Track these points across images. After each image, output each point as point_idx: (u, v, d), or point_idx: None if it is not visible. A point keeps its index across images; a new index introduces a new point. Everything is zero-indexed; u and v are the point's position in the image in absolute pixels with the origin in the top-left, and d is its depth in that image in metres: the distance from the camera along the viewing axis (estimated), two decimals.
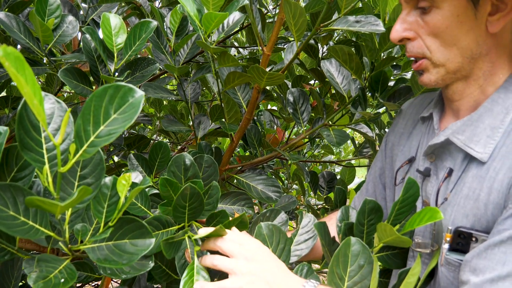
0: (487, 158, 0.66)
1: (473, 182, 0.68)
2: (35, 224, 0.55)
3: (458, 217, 0.69)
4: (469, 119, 0.70)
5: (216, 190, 0.78)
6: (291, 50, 1.03)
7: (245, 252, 0.65)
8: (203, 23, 0.76)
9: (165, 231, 0.72)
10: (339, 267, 0.64)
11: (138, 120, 1.30)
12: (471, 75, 0.70)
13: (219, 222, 0.75)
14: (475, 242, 0.66)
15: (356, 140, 1.64)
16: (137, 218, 0.60)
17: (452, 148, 0.72)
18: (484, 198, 0.65)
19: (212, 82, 1.11)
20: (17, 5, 0.90)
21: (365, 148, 1.59)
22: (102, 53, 0.82)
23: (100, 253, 0.59)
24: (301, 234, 0.81)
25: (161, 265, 0.75)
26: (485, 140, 0.68)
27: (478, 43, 0.67)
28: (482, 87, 0.70)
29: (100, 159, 0.57)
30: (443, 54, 0.68)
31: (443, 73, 0.70)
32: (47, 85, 1.21)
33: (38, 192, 0.60)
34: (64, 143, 0.53)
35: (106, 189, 0.62)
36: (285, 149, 1.17)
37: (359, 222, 0.72)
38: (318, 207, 1.95)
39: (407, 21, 0.70)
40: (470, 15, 0.65)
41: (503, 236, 0.60)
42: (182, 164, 0.78)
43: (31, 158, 0.49)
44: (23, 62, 0.36)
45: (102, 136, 0.45)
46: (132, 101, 0.44)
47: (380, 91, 0.99)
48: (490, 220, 0.65)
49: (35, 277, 0.53)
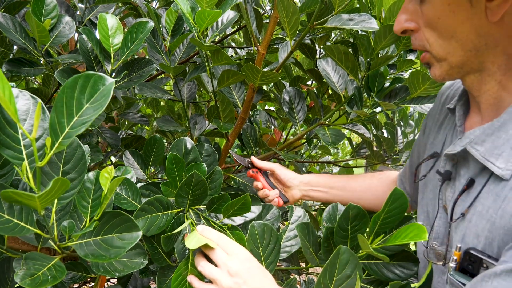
0: (510, 175, 0.57)
1: (488, 199, 0.60)
2: (20, 222, 0.55)
3: (469, 236, 0.62)
4: (490, 126, 0.62)
5: (219, 175, 0.78)
6: (286, 48, 1.03)
7: (231, 265, 0.64)
8: (196, 20, 0.76)
9: (165, 214, 0.72)
10: (326, 277, 0.62)
11: (135, 120, 1.31)
12: (484, 70, 0.62)
13: (220, 206, 0.75)
14: (485, 269, 0.59)
15: (354, 141, 1.64)
16: (123, 212, 0.60)
17: (470, 157, 0.64)
18: (496, 221, 0.58)
19: (207, 81, 1.11)
20: (14, 5, 0.90)
21: (362, 149, 1.60)
22: (99, 53, 0.82)
23: (88, 248, 0.59)
24: (291, 229, 0.81)
25: (158, 247, 0.76)
26: (508, 153, 0.58)
27: (479, 34, 0.59)
28: (502, 82, 0.62)
29: (82, 154, 0.57)
30: (442, 47, 0.62)
31: (447, 68, 0.64)
32: (44, 85, 1.21)
33: (24, 189, 0.60)
34: (42, 138, 0.53)
35: (90, 184, 0.63)
36: (282, 149, 1.17)
37: (340, 227, 0.70)
38: (315, 208, 1.95)
39: (408, 10, 0.64)
40: (464, 3, 0.58)
41: (498, 269, 0.54)
42: (183, 147, 0.78)
43: (8, 155, 0.49)
44: None
45: (76, 126, 0.45)
46: (103, 89, 0.45)
47: (376, 90, 0.99)
48: (501, 246, 0.57)
49: (22, 274, 0.54)
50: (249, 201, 0.74)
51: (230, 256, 0.65)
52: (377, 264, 0.73)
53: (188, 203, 0.74)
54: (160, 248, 0.76)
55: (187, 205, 0.74)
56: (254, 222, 0.72)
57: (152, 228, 0.69)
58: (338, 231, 0.70)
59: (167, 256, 0.77)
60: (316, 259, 0.76)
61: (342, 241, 0.71)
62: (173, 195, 0.76)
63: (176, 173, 0.74)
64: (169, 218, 0.72)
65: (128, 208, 0.74)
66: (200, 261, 0.68)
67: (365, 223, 0.70)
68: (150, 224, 0.69)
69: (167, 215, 0.72)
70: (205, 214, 0.78)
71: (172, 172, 0.74)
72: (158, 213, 0.71)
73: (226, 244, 0.67)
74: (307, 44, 1.18)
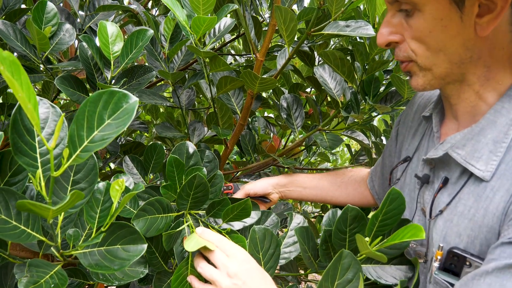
0: (490, 176, 0.61)
1: (469, 200, 0.63)
2: (27, 229, 0.55)
3: (450, 235, 0.65)
4: (470, 131, 0.65)
5: (220, 179, 0.78)
6: (284, 55, 1.04)
7: (230, 266, 0.65)
8: (192, 27, 0.77)
9: (164, 216, 0.72)
10: (328, 280, 0.62)
11: (134, 127, 1.31)
12: (464, 80, 0.65)
13: (220, 211, 0.75)
14: (468, 266, 0.62)
15: (353, 148, 1.64)
16: (129, 224, 0.60)
17: (451, 160, 0.67)
18: (479, 220, 0.61)
19: (205, 88, 1.12)
20: (14, 12, 0.91)
21: (361, 156, 1.60)
22: (99, 60, 0.83)
23: (92, 258, 0.59)
24: (290, 236, 0.81)
25: (155, 251, 0.76)
26: (487, 156, 0.62)
27: (467, 47, 0.62)
28: (479, 93, 0.65)
29: (93, 165, 0.58)
30: (429, 59, 0.63)
31: (430, 78, 0.66)
32: (44, 92, 1.22)
33: (32, 196, 0.60)
34: (58, 147, 0.53)
35: (99, 194, 0.63)
36: (281, 155, 1.18)
37: (339, 230, 0.70)
38: (314, 215, 1.95)
39: (392, 23, 0.65)
40: (455, 18, 0.59)
41: (489, 267, 0.56)
42: (185, 152, 0.79)
43: (24, 162, 0.50)
44: (19, 66, 0.37)
45: (96, 141, 0.45)
46: (126, 107, 0.45)
47: (372, 95, 1.00)
48: (484, 244, 0.60)
49: (25, 281, 0.53)
50: (249, 206, 0.74)
51: (229, 258, 0.66)
52: (375, 268, 0.73)
53: (188, 206, 0.74)
54: (158, 252, 0.76)
55: (187, 208, 0.74)
56: (255, 226, 0.72)
57: (151, 229, 0.70)
58: (336, 233, 0.70)
59: (164, 261, 0.77)
60: (314, 265, 0.76)
61: (340, 244, 0.71)
62: (172, 199, 0.77)
63: (176, 176, 0.75)
64: (168, 221, 0.73)
65: (127, 216, 0.74)
66: (199, 262, 0.68)
67: (363, 225, 0.70)
68: (149, 225, 0.70)
69: (166, 217, 0.73)
70: (204, 219, 0.78)
71: (172, 174, 0.74)
72: (158, 215, 0.71)
73: (225, 245, 0.68)
74: (306, 52, 1.19)
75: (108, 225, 0.60)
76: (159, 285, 0.76)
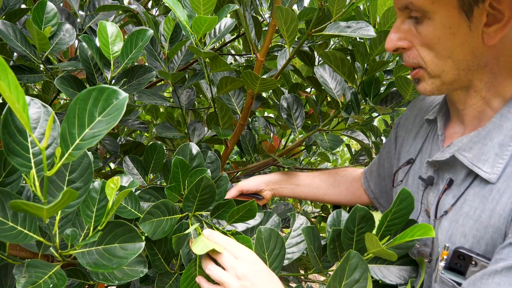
0: (496, 179, 0.63)
1: (475, 201, 0.65)
2: (24, 229, 0.55)
3: (456, 235, 0.66)
4: (476, 135, 0.67)
5: (225, 181, 0.78)
6: (284, 55, 1.04)
7: (238, 267, 0.65)
8: (193, 27, 0.77)
9: (170, 218, 0.72)
10: (336, 280, 0.63)
11: (134, 127, 1.31)
12: (471, 86, 0.67)
13: (225, 212, 0.75)
14: (474, 266, 0.63)
15: (353, 148, 1.64)
16: (126, 222, 0.60)
17: (457, 162, 0.69)
18: (485, 221, 0.62)
19: (206, 88, 1.12)
20: (14, 13, 0.91)
21: (362, 156, 1.60)
22: (99, 61, 0.83)
23: (90, 257, 0.59)
24: (293, 237, 0.81)
25: (158, 253, 0.76)
26: (493, 159, 0.64)
27: (474, 55, 0.64)
28: (486, 98, 0.67)
29: (88, 163, 0.57)
30: (438, 65, 0.66)
31: (439, 84, 0.68)
32: (44, 92, 1.21)
33: (28, 197, 0.60)
34: (51, 147, 0.53)
35: (95, 193, 0.63)
36: (281, 155, 1.17)
37: (347, 229, 0.71)
38: (314, 215, 1.95)
39: (401, 29, 0.67)
40: (464, 27, 0.62)
41: (498, 267, 0.57)
42: (189, 153, 0.79)
43: (17, 163, 0.49)
44: (5, 66, 0.36)
45: (87, 138, 0.45)
46: (116, 103, 0.45)
47: (372, 95, 1.00)
48: (490, 244, 0.62)
49: (24, 282, 0.53)
50: (255, 207, 0.74)
51: (237, 259, 0.67)
52: (380, 268, 0.73)
53: (194, 208, 0.74)
54: (160, 254, 0.76)
55: (193, 210, 0.74)
56: (261, 227, 0.72)
57: (158, 232, 0.70)
58: (345, 232, 0.71)
59: (166, 263, 0.77)
60: (319, 264, 0.77)
61: (348, 243, 0.72)
62: (176, 200, 0.76)
63: (181, 177, 0.74)
64: (173, 223, 0.73)
65: (128, 217, 0.73)
66: (207, 264, 0.69)
67: (371, 226, 0.71)
68: (156, 228, 0.70)
69: (171, 219, 0.73)
70: (208, 220, 0.78)
71: (177, 176, 0.74)
72: (163, 217, 0.71)
73: (233, 247, 0.68)
74: (306, 52, 1.19)
75: (104, 223, 0.60)
76: (161, 286, 0.76)
